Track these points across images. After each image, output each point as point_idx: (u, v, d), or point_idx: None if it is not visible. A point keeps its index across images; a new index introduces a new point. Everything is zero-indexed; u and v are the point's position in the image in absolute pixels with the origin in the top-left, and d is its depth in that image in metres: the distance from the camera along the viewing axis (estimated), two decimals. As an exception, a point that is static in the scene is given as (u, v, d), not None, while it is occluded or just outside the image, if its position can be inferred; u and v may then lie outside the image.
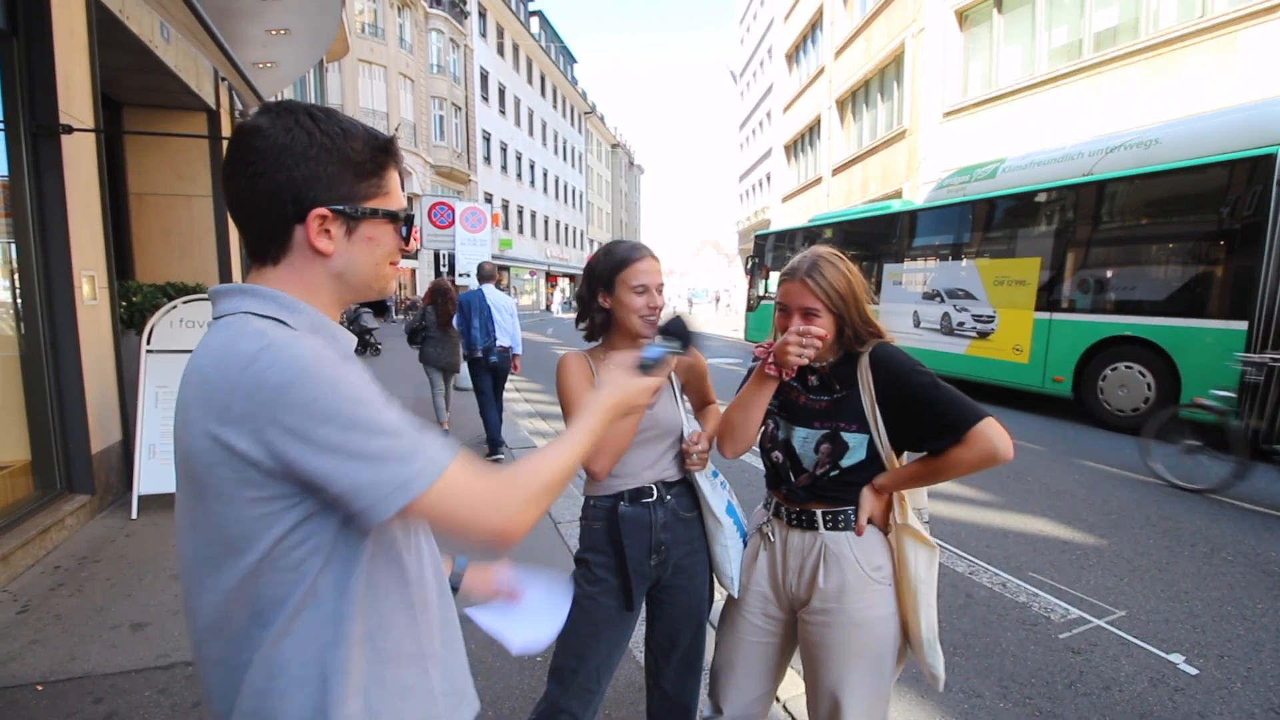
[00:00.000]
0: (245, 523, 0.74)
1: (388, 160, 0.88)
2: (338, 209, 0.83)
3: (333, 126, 0.83)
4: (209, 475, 0.74)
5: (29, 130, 3.79)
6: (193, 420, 0.74)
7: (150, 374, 4.22)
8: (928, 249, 9.91)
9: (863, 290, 1.49)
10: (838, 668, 1.48)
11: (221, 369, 0.73)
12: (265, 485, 0.73)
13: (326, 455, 0.71)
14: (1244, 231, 6.02)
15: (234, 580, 0.76)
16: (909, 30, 15.88)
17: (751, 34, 37.98)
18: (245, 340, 0.74)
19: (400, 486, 0.74)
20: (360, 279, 0.88)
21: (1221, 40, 9.67)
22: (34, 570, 3.35)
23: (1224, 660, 2.73)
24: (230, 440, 0.71)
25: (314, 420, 0.71)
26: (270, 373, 0.71)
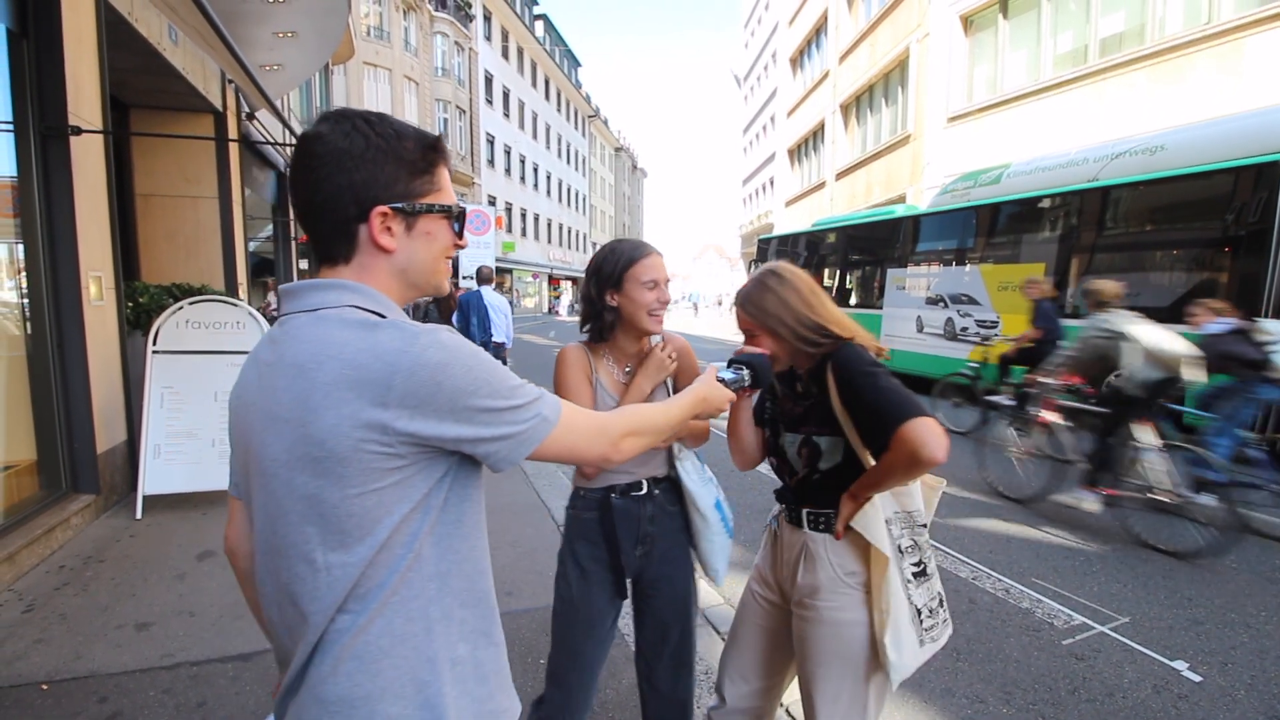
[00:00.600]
0: (382, 496, 0.82)
1: (437, 158, 0.94)
2: (396, 206, 0.89)
3: (386, 129, 0.89)
4: (353, 456, 0.80)
5: (38, 131, 3.82)
6: (333, 406, 0.79)
7: (156, 374, 4.24)
8: (931, 254, 9.91)
9: (803, 301, 1.51)
10: (810, 664, 1.52)
11: (373, 357, 0.80)
12: (405, 458, 0.82)
13: (479, 416, 0.84)
14: (1249, 238, 6.01)
15: (367, 553, 0.82)
16: (914, 35, 15.90)
17: (756, 38, 38.06)
18: (386, 331, 0.82)
19: (535, 430, 0.89)
20: (420, 274, 0.95)
21: (1227, 47, 9.66)
22: (39, 569, 3.36)
23: (1227, 667, 2.72)
24: (388, 420, 0.79)
25: (469, 392, 0.83)
26: (428, 354, 0.80)
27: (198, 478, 4.23)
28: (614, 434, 1.00)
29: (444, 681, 0.88)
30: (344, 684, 0.83)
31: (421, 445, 0.82)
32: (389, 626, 0.85)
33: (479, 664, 0.93)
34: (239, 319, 4.49)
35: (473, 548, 0.94)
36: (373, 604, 0.84)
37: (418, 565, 0.86)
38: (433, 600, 0.88)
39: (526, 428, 0.88)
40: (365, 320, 0.84)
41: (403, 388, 0.79)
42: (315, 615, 0.84)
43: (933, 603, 1.49)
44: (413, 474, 0.83)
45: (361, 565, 0.82)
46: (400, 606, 0.85)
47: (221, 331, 4.43)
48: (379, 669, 0.84)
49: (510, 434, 0.87)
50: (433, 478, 0.86)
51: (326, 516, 0.82)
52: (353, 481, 0.80)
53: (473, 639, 0.93)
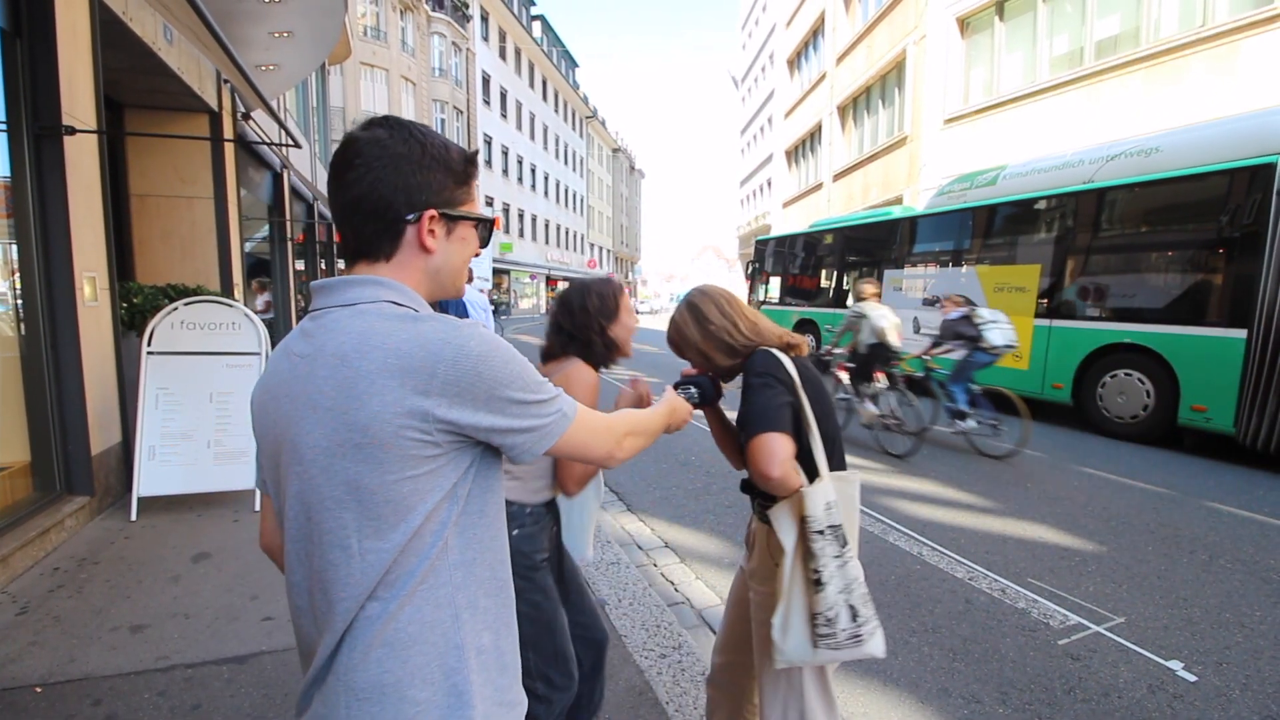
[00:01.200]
0: (419, 483, 0.86)
1: (474, 171, 1.03)
2: (445, 211, 0.97)
3: (437, 140, 0.97)
4: (394, 442, 0.84)
5: (32, 131, 3.80)
6: (379, 391, 0.83)
7: (151, 375, 4.22)
8: (928, 255, 9.93)
9: (706, 322, 1.66)
10: (760, 644, 1.63)
11: (418, 346, 0.85)
12: (440, 446, 0.87)
13: (514, 409, 0.90)
14: (1243, 240, 6.03)
15: (401, 539, 0.86)
16: (911, 37, 15.94)
17: (753, 39, 38.11)
18: (428, 324, 0.88)
19: (556, 424, 0.96)
20: (450, 275, 1.02)
21: (1222, 49, 9.71)
22: (33, 572, 3.35)
23: (1222, 667, 2.73)
24: (429, 407, 0.84)
25: (505, 384, 0.89)
26: (471, 345, 0.86)
27: (193, 479, 4.21)
28: (619, 433, 1.09)
29: (470, 669, 0.91)
30: (374, 670, 0.86)
31: (456, 434, 0.87)
32: (418, 614, 0.88)
33: (501, 653, 0.97)
34: (234, 320, 4.47)
35: (494, 537, 0.98)
36: (402, 592, 0.87)
37: (445, 554, 0.90)
38: (459, 588, 0.91)
39: (549, 421, 0.94)
40: (406, 314, 0.89)
41: (445, 376, 0.84)
42: (345, 602, 0.87)
43: (833, 612, 1.47)
44: (444, 463, 0.88)
45: (394, 552, 0.86)
46: (429, 594, 0.88)
47: (216, 332, 4.41)
48: (408, 655, 0.87)
49: (535, 426, 0.93)
50: (460, 467, 0.90)
51: (364, 503, 0.85)
52: (392, 468, 0.84)
53: (496, 628, 0.97)
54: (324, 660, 0.89)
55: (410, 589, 0.87)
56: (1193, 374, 6.39)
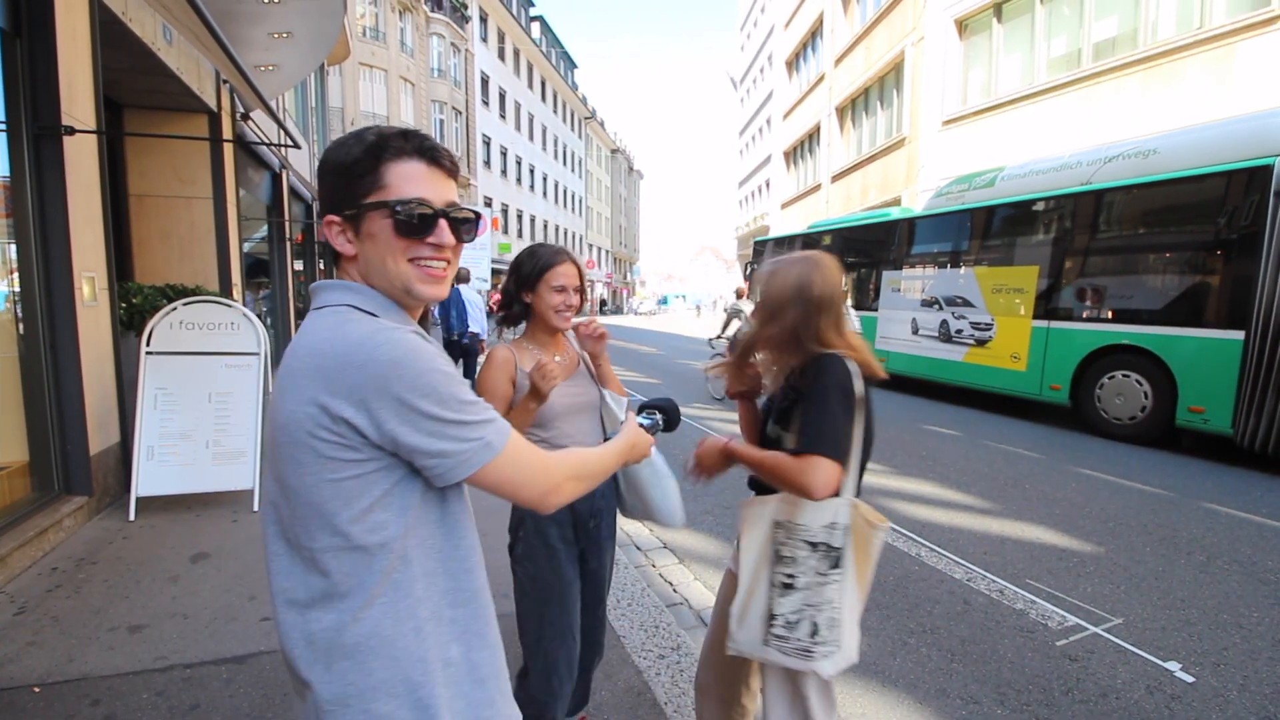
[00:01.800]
0: (341, 487, 0.84)
1: (382, 156, 0.92)
2: (344, 214, 0.93)
3: (346, 139, 0.94)
4: (309, 440, 0.83)
5: (31, 131, 3.80)
6: (298, 390, 0.83)
7: (149, 375, 4.22)
8: (926, 256, 9.94)
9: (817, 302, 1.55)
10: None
11: (336, 346, 0.83)
12: (361, 451, 0.83)
13: (424, 423, 0.83)
14: (1241, 241, 6.05)
15: (329, 543, 0.84)
16: (909, 39, 15.96)
17: (752, 41, 38.14)
18: (356, 325, 0.85)
19: (477, 454, 0.87)
20: (379, 276, 0.95)
21: (1219, 51, 9.73)
22: (31, 572, 3.34)
23: (1220, 668, 2.73)
24: (338, 409, 0.81)
25: (416, 393, 0.82)
26: (382, 351, 0.82)
27: (192, 479, 4.21)
28: (557, 476, 0.99)
29: (436, 683, 0.89)
30: (338, 683, 0.85)
31: (369, 442, 0.83)
32: (377, 627, 0.86)
33: (474, 666, 0.94)
34: (233, 320, 4.47)
35: (457, 547, 0.95)
36: (357, 604, 0.85)
37: (402, 566, 0.87)
38: (421, 601, 0.89)
39: (466, 449, 0.87)
40: (352, 318, 0.87)
41: (353, 378, 0.81)
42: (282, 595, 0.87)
43: (796, 617, 1.47)
44: (370, 470, 0.84)
45: (325, 555, 0.84)
46: (389, 606, 0.87)
47: (215, 333, 4.41)
48: (370, 668, 0.86)
49: (450, 451, 0.85)
50: (394, 476, 0.86)
51: (291, 502, 0.85)
52: (310, 469, 0.83)
53: (466, 640, 0.94)
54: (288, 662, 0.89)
55: (367, 600, 0.85)
56: (1190, 375, 6.41)
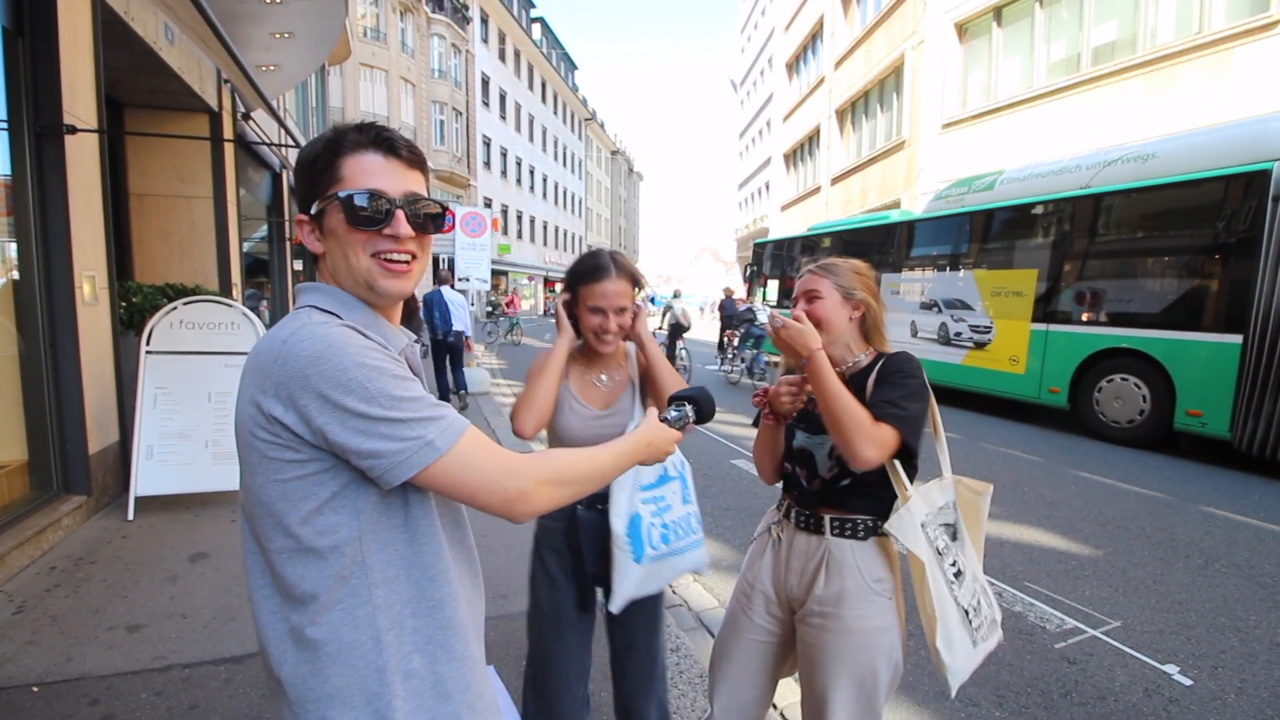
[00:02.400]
0: (286, 488, 0.82)
1: (339, 150, 0.90)
2: (309, 212, 0.93)
3: (311, 142, 0.93)
4: (252, 440, 0.83)
5: (33, 130, 3.80)
6: (242, 390, 0.84)
7: (149, 375, 4.22)
8: (926, 259, 9.96)
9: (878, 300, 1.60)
10: (828, 673, 1.48)
11: (266, 344, 0.84)
12: (302, 451, 0.82)
13: (350, 420, 0.79)
14: (1239, 245, 6.07)
15: (282, 545, 0.83)
16: (909, 42, 15.99)
17: (752, 43, 38.19)
18: (289, 323, 0.85)
19: (416, 453, 0.81)
20: (346, 274, 0.93)
21: (1218, 56, 9.76)
22: (29, 571, 3.34)
23: (1218, 671, 2.74)
24: (269, 407, 0.80)
25: (338, 389, 0.79)
26: (303, 346, 0.80)
27: (191, 479, 4.21)
28: (525, 479, 0.87)
29: (394, 695, 0.85)
30: (300, 688, 0.84)
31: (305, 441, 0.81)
32: (335, 633, 0.84)
33: (439, 679, 0.90)
34: (233, 319, 4.47)
35: (420, 554, 0.90)
36: (313, 607, 0.84)
37: (360, 571, 0.85)
38: (380, 608, 0.86)
39: (403, 448, 0.80)
40: (299, 315, 0.87)
41: (278, 375, 0.80)
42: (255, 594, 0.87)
43: (975, 601, 1.49)
44: (314, 471, 0.82)
45: (281, 556, 0.84)
46: (346, 613, 0.84)
47: (215, 332, 4.41)
48: (328, 675, 0.84)
49: (382, 451, 0.80)
50: (342, 479, 0.83)
51: (252, 502, 0.85)
52: (257, 469, 0.83)
53: (429, 651, 0.89)
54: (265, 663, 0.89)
55: (324, 604, 0.83)
56: (1189, 379, 6.42)
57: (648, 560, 1.62)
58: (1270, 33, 9.13)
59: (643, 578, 1.62)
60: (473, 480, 0.85)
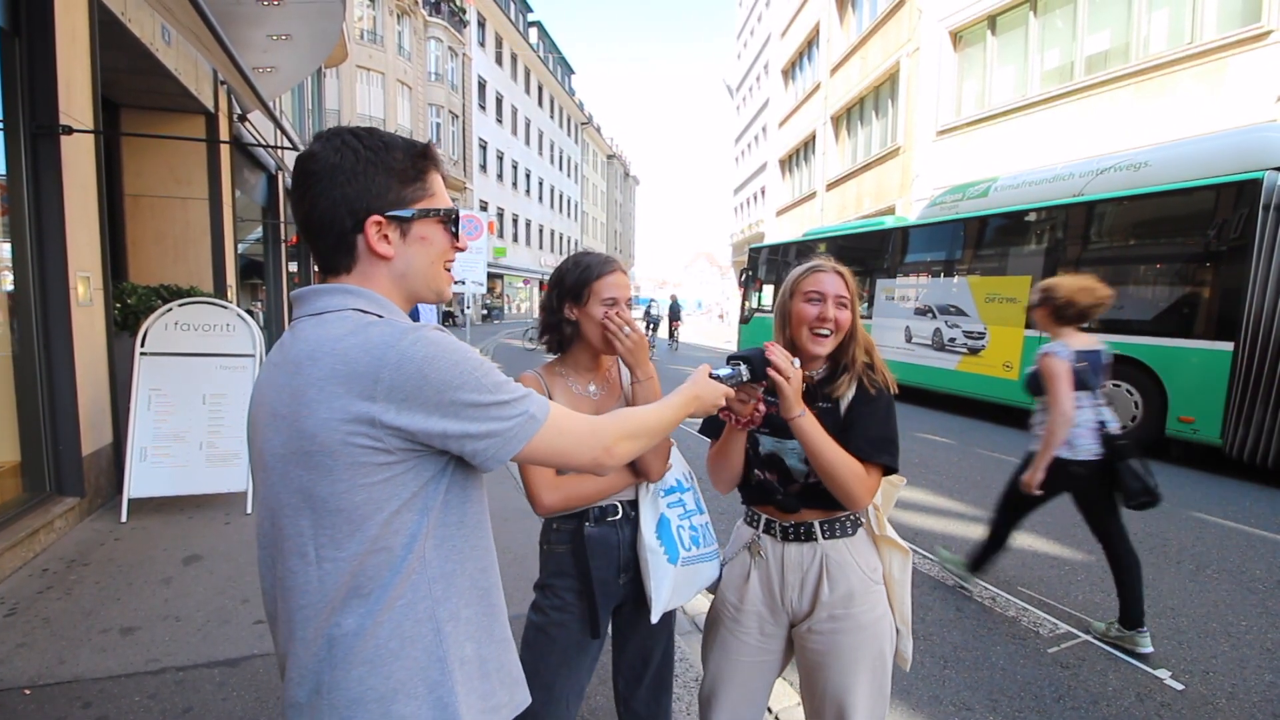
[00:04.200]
0: (373, 492, 0.84)
1: (427, 165, 0.97)
2: (391, 215, 0.92)
3: (374, 141, 0.92)
4: (341, 449, 0.82)
5: (29, 130, 3.79)
6: (327, 399, 0.82)
7: (144, 376, 4.20)
8: (920, 265, 10.00)
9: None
10: (847, 673, 1.48)
11: (363, 351, 0.83)
12: (395, 454, 0.84)
13: (467, 411, 0.85)
14: (1231, 254, 6.12)
15: (358, 549, 0.84)
16: (904, 49, 16.09)
17: (749, 49, 38.33)
18: (378, 328, 0.85)
19: (523, 427, 0.89)
20: (420, 279, 0.97)
21: (1210, 66, 9.86)
22: (22, 573, 3.32)
23: (1209, 676, 2.76)
24: (378, 414, 0.81)
25: (454, 385, 0.84)
26: (415, 350, 0.82)
27: (185, 481, 4.19)
28: (607, 438, 0.99)
29: (455, 681, 0.90)
30: (356, 688, 0.85)
31: (410, 441, 0.84)
32: (398, 629, 0.86)
33: (483, 660, 0.96)
34: (228, 321, 4.46)
35: (474, 547, 0.96)
36: (378, 606, 0.85)
37: (422, 568, 0.88)
38: (440, 602, 0.90)
39: (513, 424, 0.88)
40: (361, 320, 0.87)
41: (390, 380, 0.81)
42: (304, 610, 0.86)
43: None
44: (401, 472, 0.85)
45: (353, 562, 0.84)
46: (408, 609, 0.87)
47: (210, 334, 4.40)
48: (390, 670, 0.86)
49: (496, 430, 0.87)
50: (423, 477, 0.87)
51: (318, 511, 0.84)
52: (341, 476, 0.82)
53: (478, 638, 0.95)
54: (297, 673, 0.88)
55: (387, 603, 0.86)
56: (1180, 386, 6.46)
57: (683, 562, 1.61)
58: (1262, 43, 9.23)
59: (677, 582, 1.60)
60: (567, 444, 0.95)
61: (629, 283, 1.65)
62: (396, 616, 0.86)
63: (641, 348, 1.56)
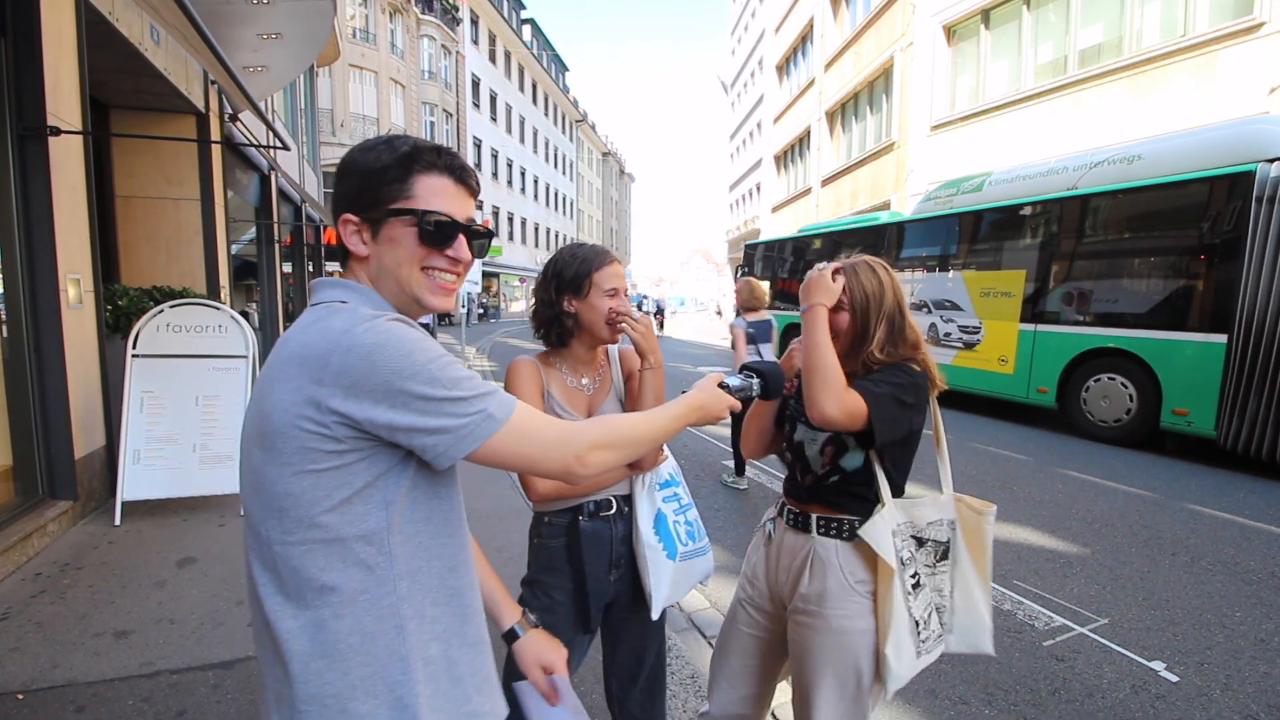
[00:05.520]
0: (320, 478, 0.83)
1: (412, 165, 0.94)
2: (363, 215, 0.94)
3: (375, 143, 0.95)
4: (292, 430, 0.82)
5: (16, 132, 3.76)
6: (284, 381, 0.83)
7: (136, 378, 4.18)
8: (915, 260, 10.01)
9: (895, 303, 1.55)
10: (813, 671, 1.49)
11: (320, 336, 0.83)
12: (344, 442, 0.83)
13: (415, 403, 0.82)
14: (1224, 246, 6.14)
15: (306, 536, 0.84)
16: (898, 44, 16.09)
17: (743, 45, 38.30)
18: (339, 316, 0.85)
19: (478, 426, 0.86)
20: (393, 282, 0.96)
21: (1202, 59, 9.88)
22: (14, 577, 3.30)
23: (1204, 667, 2.77)
24: (325, 398, 0.81)
25: (404, 374, 0.82)
26: (366, 336, 0.82)
27: (178, 483, 4.17)
28: (579, 445, 0.93)
29: (416, 681, 0.88)
30: (314, 682, 0.84)
31: (357, 430, 0.82)
32: (358, 624, 0.85)
33: (452, 664, 0.94)
34: (221, 322, 4.44)
35: (443, 545, 0.94)
36: (336, 599, 0.85)
37: (386, 563, 0.87)
38: (405, 599, 0.88)
39: (466, 422, 0.85)
40: (337, 310, 0.87)
41: (338, 365, 0.81)
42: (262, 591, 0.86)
43: (927, 613, 1.49)
44: (353, 461, 0.84)
45: (303, 550, 0.84)
46: (370, 605, 0.86)
47: (203, 335, 4.38)
48: (348, 667, 0.85)
49: (448, 426, 0.84)
50: (376, 469, 0.85)
51: (265, 493, 0.84)
52: (289, 459, 0.82)
53: (445, 638, 0.93)
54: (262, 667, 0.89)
55: (347, 597, 0.85)
56: (1174, 378, 6.48)
57: (681, 557, 1.62)
58: (1254, 35, 9.25)
59: (675, 578, 1.61)
60: (532, 449, 0.90)
61: (624, 273, 1.67)
62: (358, 611, 0.85)
63: (650, 332, 1.59)
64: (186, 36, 4.35)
